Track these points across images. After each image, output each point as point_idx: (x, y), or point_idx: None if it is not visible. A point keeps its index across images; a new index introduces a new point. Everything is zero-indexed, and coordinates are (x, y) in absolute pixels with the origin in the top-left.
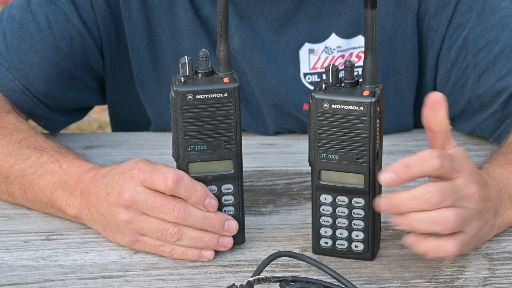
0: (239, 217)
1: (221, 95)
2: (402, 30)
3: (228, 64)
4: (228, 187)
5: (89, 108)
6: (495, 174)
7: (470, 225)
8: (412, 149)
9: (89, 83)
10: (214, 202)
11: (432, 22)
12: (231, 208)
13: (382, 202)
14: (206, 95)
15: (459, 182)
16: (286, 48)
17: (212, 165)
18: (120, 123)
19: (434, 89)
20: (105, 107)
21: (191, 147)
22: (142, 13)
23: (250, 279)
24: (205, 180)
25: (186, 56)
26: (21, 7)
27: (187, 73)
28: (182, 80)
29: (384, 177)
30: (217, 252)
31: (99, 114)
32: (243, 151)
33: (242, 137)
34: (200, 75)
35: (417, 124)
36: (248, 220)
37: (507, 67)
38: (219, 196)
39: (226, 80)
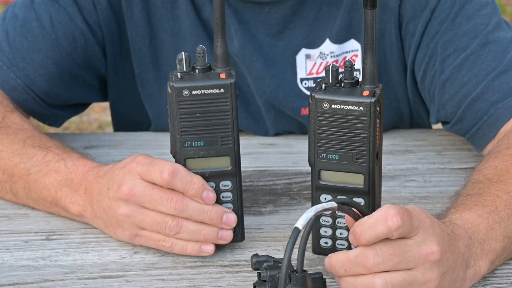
0: (238, 214)
1: (217, 90)
2: (388, 33)
3: (226, 60)
4: (226, 184)
5: (89, 103)
6: (463, 221)
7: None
8: (412, 149)
9: (91, 82)
10: (212, 195)
11: (409, 26)
12: (230, 205)
13: (326, 262)
14: (202, 91)
15: (412, 241)
16: (283, 53)
17: (210, 161)
18: (122, 123)
19: (422, 91)
20: (105, 107)
21: (188, 143)
22: (144, 14)
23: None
24: (203, 177)
25: (183, 52)
26: (25, 6)
27: (184, 69)
28: (179, 76)
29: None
30: (216, 252)
31: (99, 114)
32: (243, 151)
33: (242, 137)
34: (197, 71)
35: (413, 117)
36: (248, 220)
37: (469, 75)
38: (217, 192)
39: (223, 76)
